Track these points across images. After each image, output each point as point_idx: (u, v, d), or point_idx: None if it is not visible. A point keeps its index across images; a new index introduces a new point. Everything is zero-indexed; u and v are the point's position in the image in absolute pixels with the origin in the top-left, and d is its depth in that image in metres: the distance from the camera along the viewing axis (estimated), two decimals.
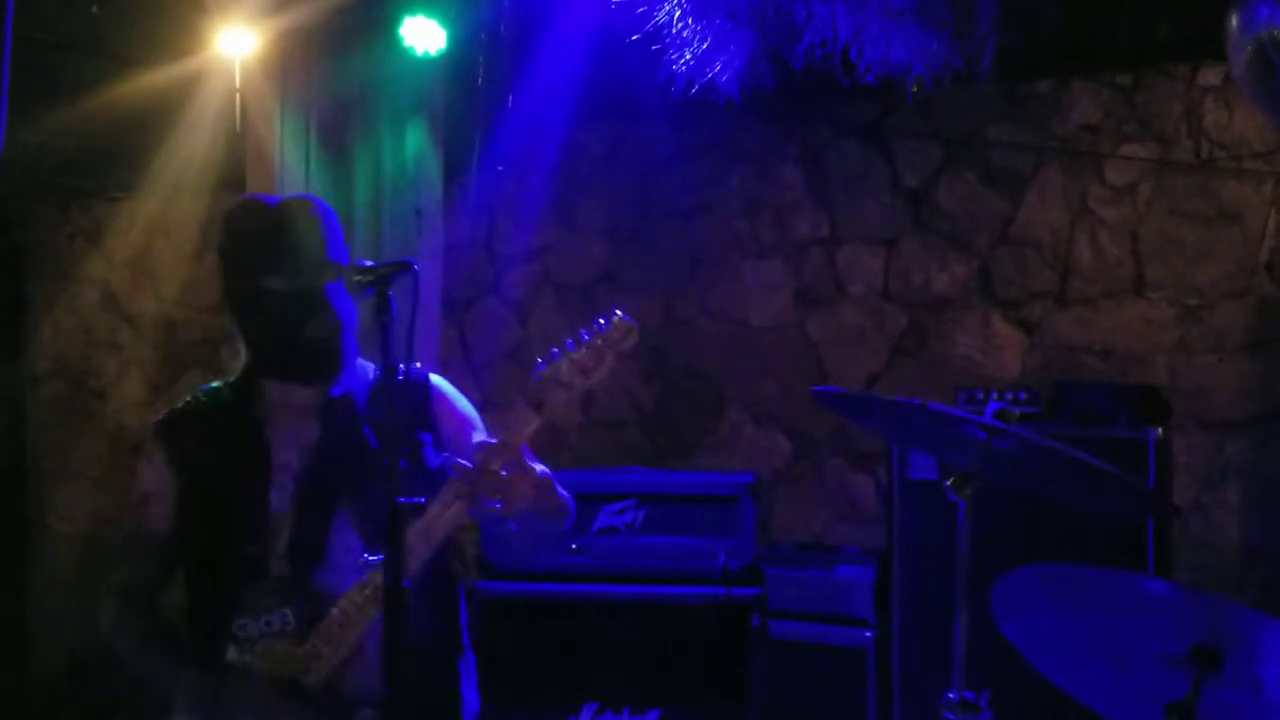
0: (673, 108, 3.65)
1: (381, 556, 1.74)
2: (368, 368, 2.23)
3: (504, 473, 1.96)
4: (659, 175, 4.36)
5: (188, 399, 2.20)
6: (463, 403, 2.26)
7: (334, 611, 1.99)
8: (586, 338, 2.01)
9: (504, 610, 3.23)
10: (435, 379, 2.27)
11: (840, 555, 3.78)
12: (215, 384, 2.21)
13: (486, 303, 4.61)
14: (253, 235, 2.07)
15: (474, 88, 3.59)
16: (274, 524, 2.08)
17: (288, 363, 2.10)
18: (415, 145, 3.55)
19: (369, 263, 1.95)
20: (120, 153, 4.79)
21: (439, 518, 1.98)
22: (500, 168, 3.90)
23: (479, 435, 2.20)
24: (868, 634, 3.56)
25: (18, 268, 5.20)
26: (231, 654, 2.03)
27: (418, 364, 2.24)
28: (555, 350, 2.00)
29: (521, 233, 4.42)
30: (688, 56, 3.13)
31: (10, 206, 5.06)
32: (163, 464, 2.13)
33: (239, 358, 2.19)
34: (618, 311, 2.04)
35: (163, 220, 5.02)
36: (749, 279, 4.40)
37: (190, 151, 4.44)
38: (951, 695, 1.84)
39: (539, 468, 2.04)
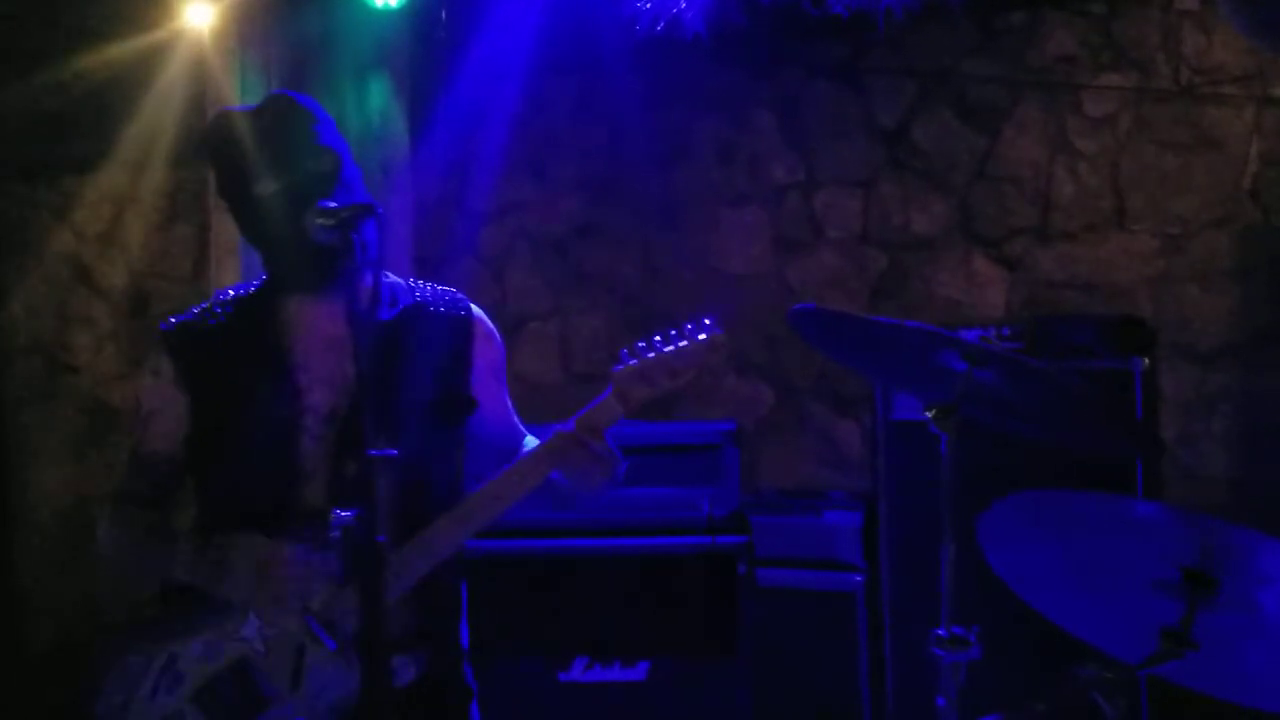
0: (640, 50, 3.58)
1: (352, 513, 1.69)
2: (397, 287, 2.11)
3: (593, 449, 1.98)
4: (631, 124, 4.28)
5: (202, 307, 2.07)
6: (500, 340, 2.20)
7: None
8: (676, 340, 2.03)
9: (490, 567, 3.18)
10: (476, 311, 2.18)
11: (827, 500, 3.75)
12: (232, 293, 2.09)
13: (459, 260, 4.53)
14: (233, 145, 1.97)
15: (436, 39, 3.51)
16: (306, 468, 1.98)
17: (302, 270, 1.99)
18: (379, 100, 3.48)
19: (332, 204, 1.89)
20: (86, 126, 4.73)
21: (504, 490, 1.98)
22: (467, 122, 3.81)
23: (501, 390, 2.18)
24: (857, 578, 3.53)
25: None
26: None
27: (454, 290, 2.18)
28: (641, 345, 2.01)
29: (492, 188, 4.34)
30: None
31: None
32: (169, 383, 2.00)
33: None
34: (707, 321, 2.07)
35: (131, 192, 4.94)
36: (726, 226, 4.34)
37: (157, 122, 4.41)
38: (941, 631, 1.81)
39: (617, 453, 2.06)
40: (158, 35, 3.90)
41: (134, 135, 4.55)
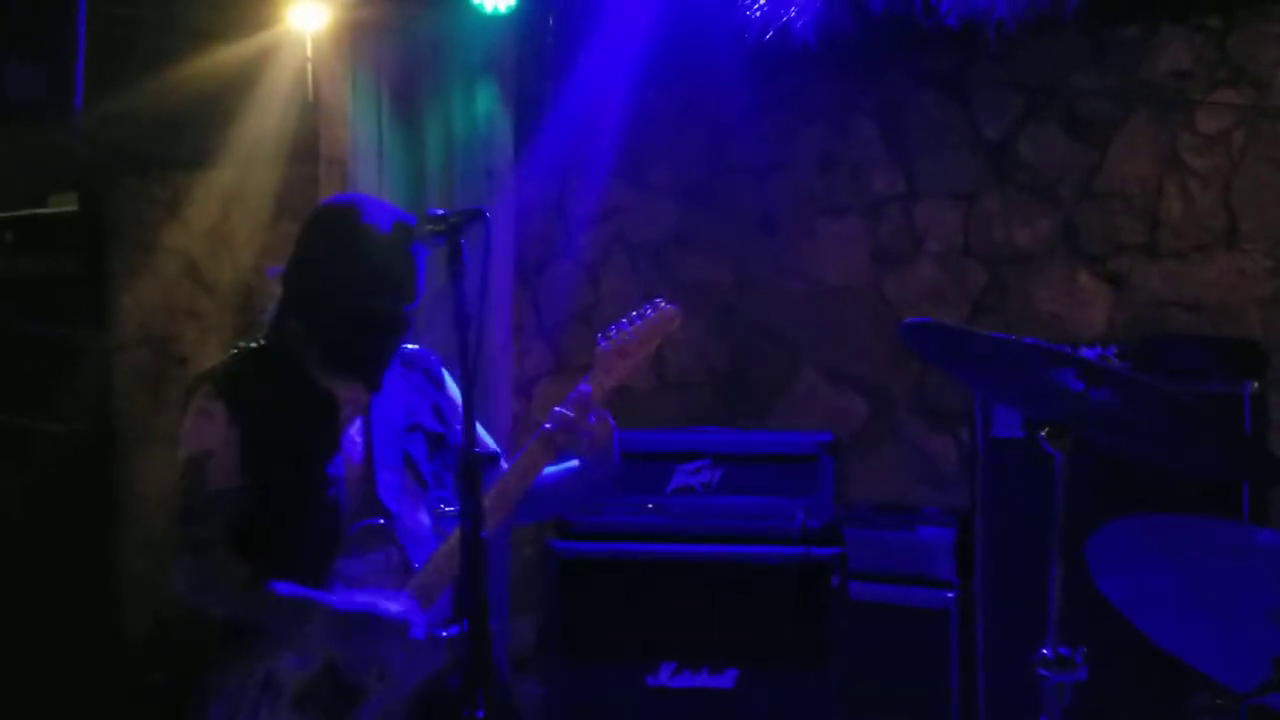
0: (746, 60, 3.58)
1: (458, 507, 1.75)
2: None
3: (591, 420, 2.18)
4: (731, 132, 4.29)
5: (232, 355, 2.23)
6: (450, 381, 2.39)
7: (426, 563, 2.09)
8: (638, 319, 2.29)
9: (582, 570, 3.22)
10: (437, 358, 2.39)
11: (920, 515, 3.71)
12: (254, 344, 2.24)
13: (558, 265, 4.58)
14: (341, 245, 2.14)
15: (544, 46, 3.56)
16: (348, 478, 2.14)
17: (349, 364, 2.20)
18: (486, 105, 3.53)
19: (440, 211, 1.97)
20: (197, 124, 4.85)
21: (524, 472, 2.14)
22: (572, 127, 3.85)
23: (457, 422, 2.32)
24: (950, 595, 3.49)
25: (100, 238, 5.28)
26: (338, 590, 2.08)
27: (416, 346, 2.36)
28: (613, 329, 2.28)
29: (592, 193, 4.37)
30: (762, 0, 3.05)
31: (92, 177, 5.14)
32: (222, 417, 2.13)
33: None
34: (659, 300, 2.33)
35: (239, 190, 5.07)
36: (824, 237, 4.32)
37: (265, 123, 4.51)
38: (1046, 651, 1.79)
39: (613, 424, 2.26)
40: (266, 37, 4.00)
41: (242, 135, 4.66)
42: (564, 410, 2.18)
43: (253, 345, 2.23)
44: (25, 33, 3.30)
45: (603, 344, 2.25)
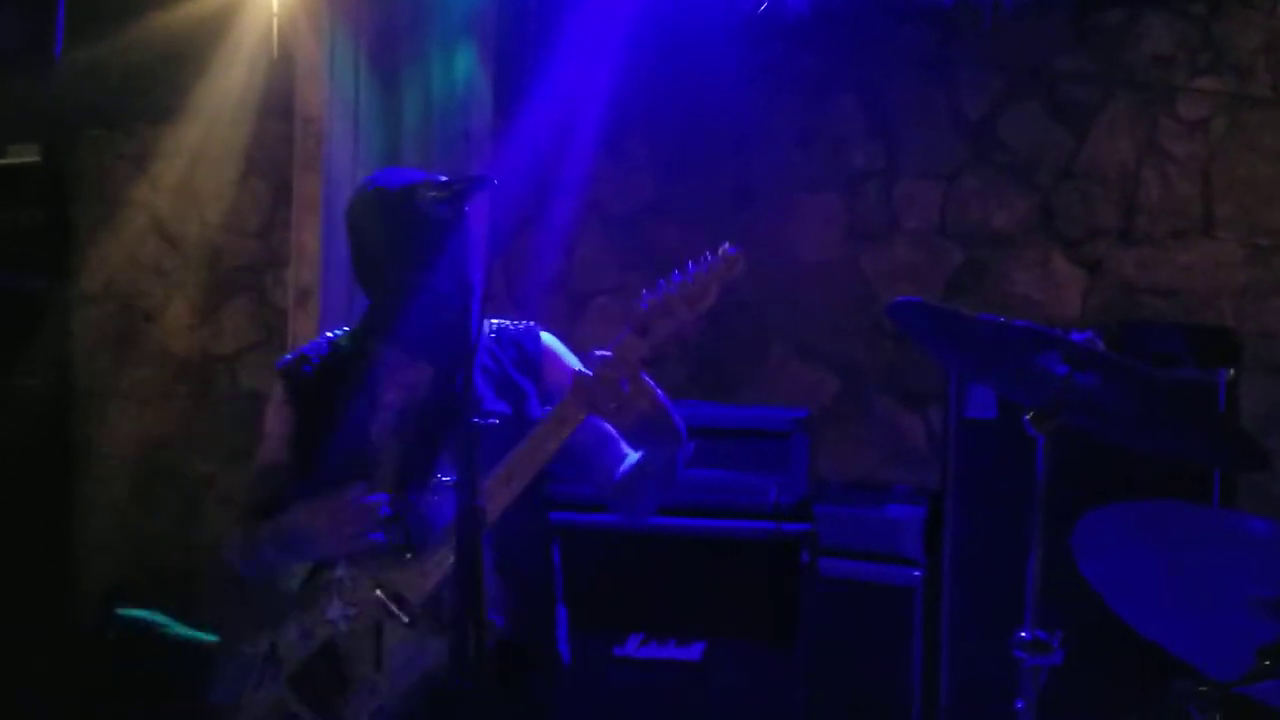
0: (732, 30, 3.54)
1: (453, 477, 1.72)
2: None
3: (623, 386, 1.97)
4: (712, 103, 4.25)
5: (312, 345, 2.30)
6: (570, 357, 2.28)
7: (438, 537, 2.02)
8: (694, 269, 2.04)
9: (549, 537, 3.18)
10: (545, 336, 2.31)
11: (890, 493, 3.71)
12: (336, 334, 2.29)
13: (532, 232, 4.54)
14: (380, 226, 2.11)
15: (527, 9, 3.50)
16: (375, 453, 2.12)
17: (416, 342, 2.17)
18: (465, 68, 3.48)
19: (444, 177, 1.94)
20: (164, 78, 4.79)
21: (542, 442, 2.03)
22: (552, 93, 3.80)
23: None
24: (916, 573, 3.50)
25: (64, 191, 5.18)
26: (340, 570, 2.06)
27: (530, 322, 2.32)
28: (661, 282, 2.04)
29: (570, 160, 4.32)
30: None
31: (57, 130, 5.04)
32: (282, 404, 2.23)
33: (281, 287, 2.27)
34: (725, 244, 2.07)
35: (206, 146, 4.99)
36: (801, 212, 4.30)
37: (233, 78, 4.46)
38: (1024, 634, 1.79)
39: (658, 391, 2.08)
40: None
41: (210, 90, 4.61)
42: (582, 370, 2.02)
43: (334, 333, 2.29)
44: None
45: (643, 301, 2.04)
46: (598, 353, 2.02)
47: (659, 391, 2.07)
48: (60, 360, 5.17)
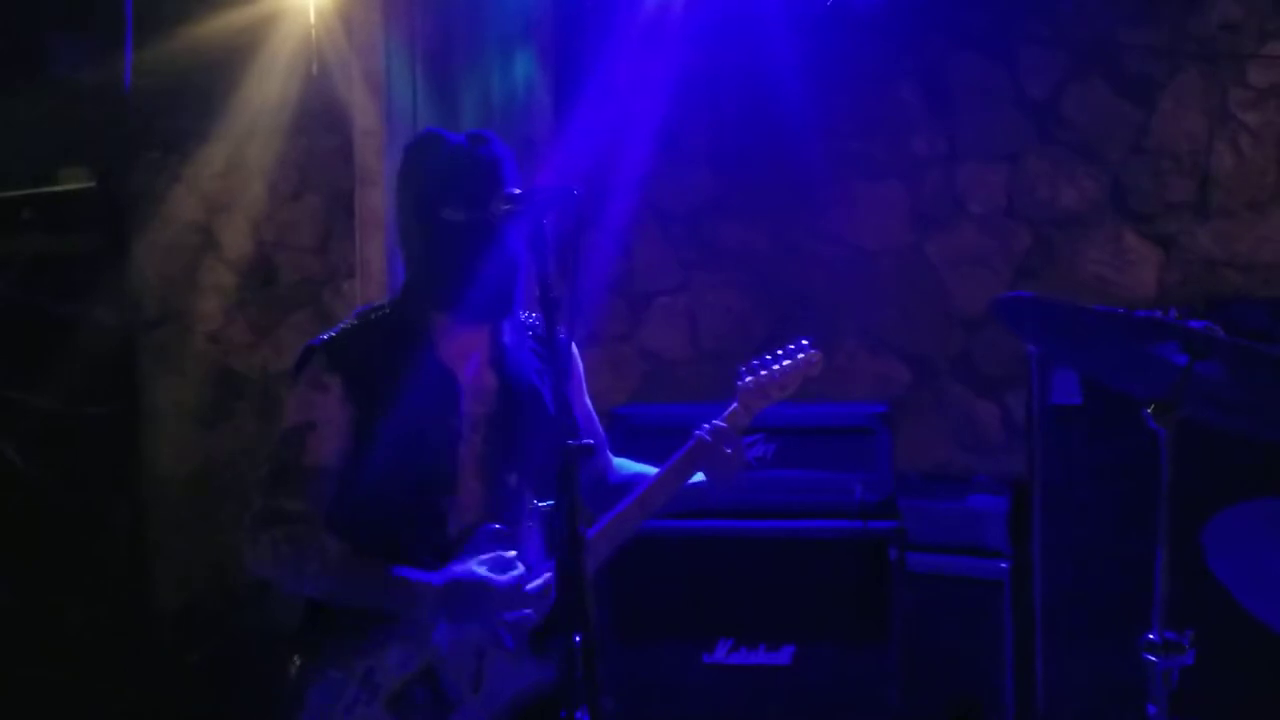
0: (789, 21, 3.48)
1: (552, 502, 1.68)
2: (529, 318, 2.20)
3: (728, 450, 2.22)
4: (768, 95, 4.18)
5: (349, 322, 2.11)
6: (578, 357, 2.30)
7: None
8: (785, 364, 2.31)
9: (635, 546, 3.14)
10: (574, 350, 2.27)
11: (971, 485, 3.65)
12: (374, 313, 2.12)
13: (591, 235, 4.50)
14: (432, 166, 2.03)
15: (583, 9, 3.45)
16: (461, 474, 2.05)
17: (458, 297, 2.03)
18: (524, 73, 3.44)
19: (517, 190, 1.90)
20: (214, 97, 4.78)
21: (652, 497, 2.16)
22: (611, 94, 3.76)
23: (584, 397, 2.30)
24: (1004, 565, 3.44)
25: (121, 215, 5.21)
26: None
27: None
28: (756, 363, 2.32)
29: (627, 161, 4.28)
30: None
31: (110, 150, 5.06)
32: (338, 392, 2.00)
33: (341, 300, 2.20)
34: (805, 342, 2.34)
35: (258, 163, 4.99)
36: (863, 201, 4.23)
37: (278, 93, 4.43)
38: (1153, 636, 1.73)
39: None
40: (286, 4, 3.92)
41: (259, 107, 4.60)
42: (716, 424, 2.22)
43: (373, 310, 2.11)
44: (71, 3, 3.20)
45: (745, 379, 2.29)
46: (715, 422, 2.25)
47: (748, 455, 2.31)
48: (126, 386, 5.19)
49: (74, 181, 5.02)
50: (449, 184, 1.99)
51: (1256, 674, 2.32)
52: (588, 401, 2.32)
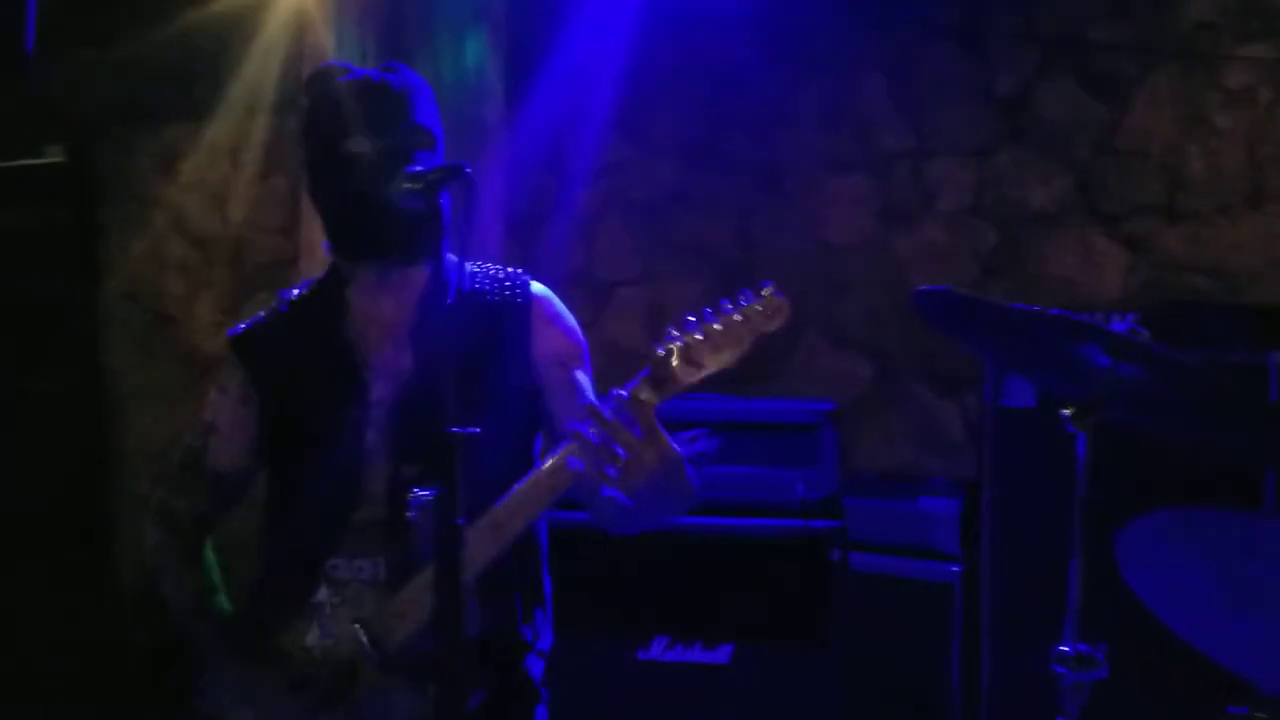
0: (751, 10, 3.41)
1: (433, 492, 1.59)
2: (457, 271, 1.93)
3: (637, 434, 1.71)
4: (733, 86, 4.12)
5: (268, 308, 2.03)
6: (567, 323, 2.05)
7: (422, 573, 1.81)
8: (727, 310, 1.79)
9: (572, 541, 3.09)
10: (538, 289, 2.03)
11: (925, 486, 3.59)
12: (296, 291, 2.04)
13: (551, 223, 4.43)
14: (334, 98, 1.89)
15: None
16: (368, 464, 1.91)
17: (371, 235, 1.88)
18: (476, 55, 3.38)
19: (418, 168, 1.81)
20: (186, 76, 4.75)
21: (534, 495, 1.81)
22: (566, 80, 3.69)
23: (580, 371, 2.04)
24: (954, 568, 3.38)
25: (90, 191, 5.17)
26: (322, 594, 1.90)
27: (518, 269, 2.04)
28: (691, 319, 1.76)
29: (588, 148, 4.21)
30: None
31: (82, 129, 5.02)
32: (239, 392, 1.96)
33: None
34: (768, 285, 1.83)
35: (230, 143, 4.97)
36: (829, 195, 4.16)
37: (257, 75, 4.43)
38: (1065, 648, 1.66)
39: (673, 444, 1.79)
40: None
41: (233, 88, 4.58)
42: (600, 409, 1.70)
43: (296, 290, 2.02)
44: None
45: (671, 337, 1.75)
46: (597, 404, 1.75)
47: (674, 445, 1.78)
48: (89, 362, 5.15)
49: (47, 157, 4.99)
50: (354, 113, 1.85)
51: (1171, 689, 2.25)
52: (573, 376, 2.02)
